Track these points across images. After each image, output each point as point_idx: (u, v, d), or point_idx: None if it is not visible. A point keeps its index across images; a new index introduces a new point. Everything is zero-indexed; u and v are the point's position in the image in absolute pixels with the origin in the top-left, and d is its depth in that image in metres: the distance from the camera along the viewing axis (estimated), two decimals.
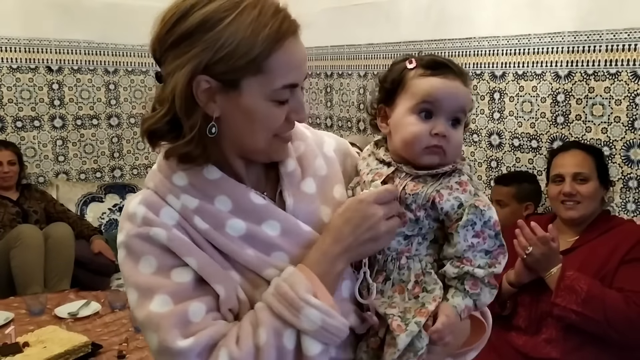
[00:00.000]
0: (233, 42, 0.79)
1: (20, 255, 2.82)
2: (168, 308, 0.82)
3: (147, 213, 0.87)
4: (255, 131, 0.85)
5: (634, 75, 2.37)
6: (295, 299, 0.79)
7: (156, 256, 0.85)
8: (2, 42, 3.46)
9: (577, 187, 1.96)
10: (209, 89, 0.82)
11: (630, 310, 1.69)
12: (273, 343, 0.79)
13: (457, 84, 0.92)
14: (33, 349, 1.86)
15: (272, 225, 0.88)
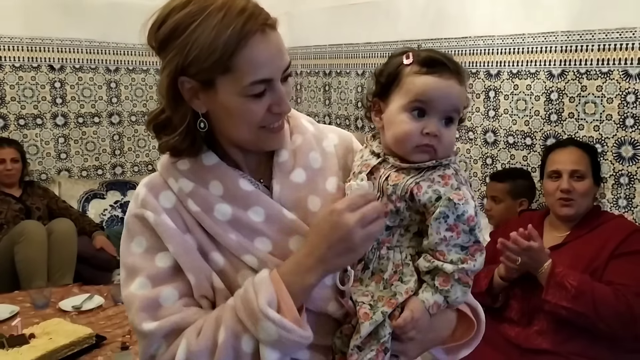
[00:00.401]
0: (198, 46, 0.83)
1: (24, 251, 2.87)
2: (144, 290, 0.89)
3: (146, 195, 0.94)
4: (237, 125, 0.90)
5: (625, 74, 2.42)
6: (255, 309, 0.81)
7: (147, 238, 0.92)
8: (4, 41, 3.50)
9: (573, 184, 1.99)
10: (191, 88, 0.88)
11: (619, 304, 1.74)
12: (231, 344, 0.82)
13: (452, 83, 0.91)
14: (39, 340, 1.91)
15: (257, 211, 0.92)
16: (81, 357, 1.92)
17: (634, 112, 2.41)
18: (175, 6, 0.86)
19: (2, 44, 3.50)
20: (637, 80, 2.38)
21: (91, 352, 1.95)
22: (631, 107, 2.41)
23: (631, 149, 2.43)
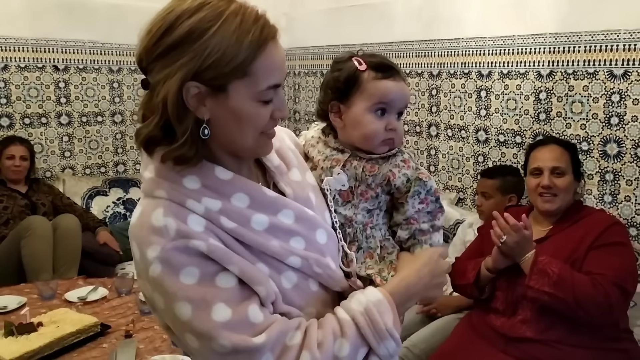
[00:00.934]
0: (220, 50, 0.83)
1: (31, 245, 2.94)
2: (229, 314, 0.85)
3: (179, 225, 0.86)
4: (244, 130, 0.90)
5: (610, 75, 2.51)
6: (383, 329, 0.90)
7: (197, 265, 0.86)
8: (10, 42, 3.56)
9: (554, 180, 2.06)
10: (198, 94, 0.86)
11: (597, 292, 1.81)
12: (351, 356, 0.89)
13: (403, 84, 1.07)
14: (47, 328, 1.99)
15: (287, 214, 0.94)
16: (87, 344, 2.00)
17: (618, 111, 2.50)
18: (183, 11, 0.85)
19: (8, 45, 3.56)
20: (622, 80, 2.47)
21: (96, 339, 2.03)
22: (616, 106, 2.50)
23: (616, 146, 2.52)
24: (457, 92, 3.17)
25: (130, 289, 2.47)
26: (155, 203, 0.90)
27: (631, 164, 2.48)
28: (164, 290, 0.86)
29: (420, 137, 3.42)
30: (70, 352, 1.95)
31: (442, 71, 3.24)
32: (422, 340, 2.39)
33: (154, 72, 0.88)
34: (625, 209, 2.52)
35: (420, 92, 3.37)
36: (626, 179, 2.50)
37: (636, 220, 2.49)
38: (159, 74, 0.86)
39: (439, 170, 3.34)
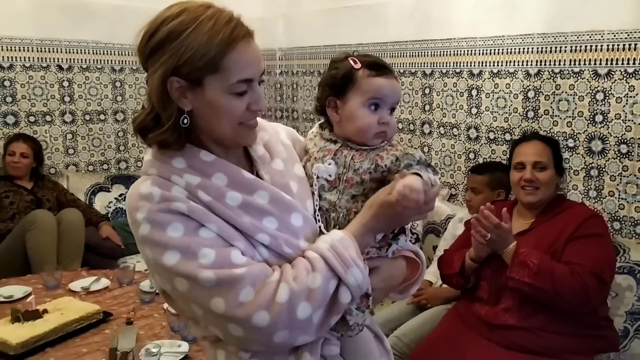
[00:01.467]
0: (193, 48, 0.95)
1: (36, 238, 3.05)
2: (213, 255, 0.96)
3: (163, 192, 0.99)
4: (221, 120, 1.01)
5: (595, 74, 2.60)
6: (348, 259, 0.99)
7: (180, 222, 0.98)
8: (16, 42, 3.66)
9: (536, 174, 2.16)
10: (180, 88, 0.99)
11: (575, 281, 1.90)
12: (323, 287, 0.97)
13: (395, 82, 1.15)
14: (51, 315, 2.09)
15: (262, 194, 1.04)
16: (90, 330, 2.09)
17: (602, 109, 2.58)
18: (166, 17, 0.98)
19: (14, 45, 3.66)
20: (606, 79, 2.56)
21: (99, 326, 2.13)
22: (600, 104, 2.59)
23: (600, 143, 2.61)
24: (449, 91, 3.26)
25: (131, 280, 2.56)
26: (145, 178, 1.04)
27: (615, 160, 2.56)
28: (153, 243, 0.98)
29: (413, 135, 3.51)
30: (73, 337, 2.04)
31: (434, 70, 3.33)
32: (411, 330, 2.48)
33: (148, 70, 1.01)
34: (609, 203, 2.61)
35: (414, 91, 3.46)
36: (610, 175, 2.59)
37: (619, 215, 2.58)
38: (150, 69, 1.01)
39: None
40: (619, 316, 2.31)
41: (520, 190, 2.18)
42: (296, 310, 0.96)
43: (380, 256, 1.11)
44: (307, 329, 0.98)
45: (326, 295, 0.99)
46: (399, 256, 1.15)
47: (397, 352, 2.41)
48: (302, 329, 0.98)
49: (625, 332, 2.29)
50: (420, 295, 2.69)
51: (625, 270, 2.34)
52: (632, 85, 2.47)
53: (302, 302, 0.96)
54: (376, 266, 1.09)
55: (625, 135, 2.51)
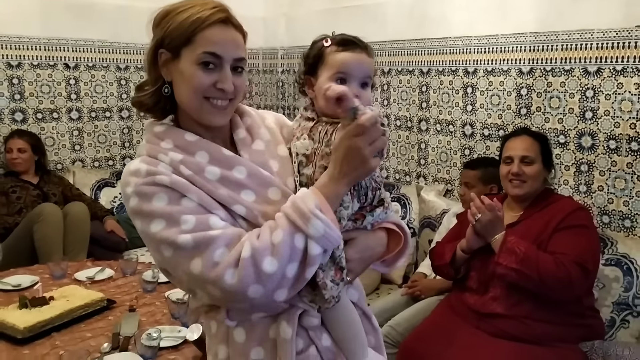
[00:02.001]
0: (175, 23, 1.11)
1: (42, 230, 3.14)
2: (193, 221, 1.05)
3: (148, 167, 1.10)
4: (187, 90, 1.12)
5: (584, 72, 2.67)
6: (306, 211, 1.02)
7: (165, 192, 1.08)
8: (24, 41, 3.75)
9: (523, 168, 2.23)
10: (166, 60, 1.13)
11: (558, 269, 1.98)
12: (287, 242, 1.02)
13: (363, 56, 1.17)
14: (58, 301, 2.17)
15: (240, 170, 1.13)
16: (94, 317, 2.18)
17: (592, 106, 2.65)
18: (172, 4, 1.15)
19: (22, 44, 3.76)
20: (595, 77, 2.63)
21: (103, 313, 2.21)
22: (590, 101, 2.66)
23: (590, 139, 2.68)
24: (446, 89, 3.33)
25: (134, 270, 2.65)
26: (137, 158, 1.16)
27: (604, 155, 2.63)
28: (142, 214, 1.08)
29: (411, 132, 3.58)
30: (78, 323, 2.12)
31: (431, 69, 3.40)
32: (405, 320, 2.56)
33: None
34: (598, 197, 2.68)
35: (411, 89, 3.54)
36: (599, 170, 2.66)
37: (608, 209, 2.65)
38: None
39: (428, 163, 3.50)
40: (606, 306, 2.38)
41: (508, 183, 2.26)
42: (261, 264, 1.02)
43: (358, 228, 1.16)
44: (281, 282, 1.04)
45: (293, 250, 1.03)
46: (378, 228, 1.20)
47: (390, 341, 2.48)
48: (275, 283, 1.03)
49: (611, 322, 2.37)
50: (415, 287, 2.77)
51: (613, 262, 2.41)
52: (620, 82, 2.54)
53: (266, 257, 1.02)
54: (352, 237, 1.15)
55: (614, 131, 2.58)
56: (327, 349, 1.17)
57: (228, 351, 1.16)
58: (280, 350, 1.12)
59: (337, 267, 1.10)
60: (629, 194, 2.57)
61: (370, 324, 1.29)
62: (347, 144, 1.07)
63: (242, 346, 1.13)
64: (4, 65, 3.71)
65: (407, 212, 3.32)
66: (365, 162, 1.08)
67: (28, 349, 1.93)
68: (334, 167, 1.09)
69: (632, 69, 2.50)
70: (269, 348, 1.13)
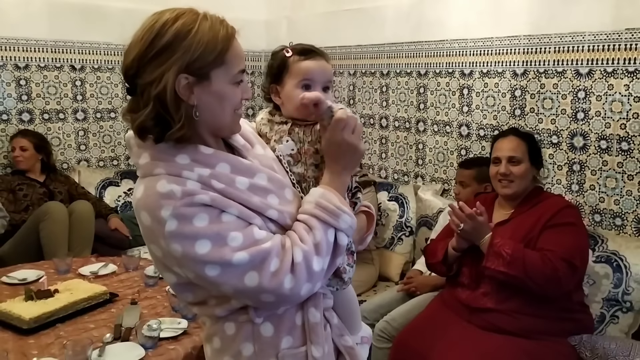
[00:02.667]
0: (202, 44, 1.06)
1: (48, 228, 3.21)
2: (240, 238, 1.07)
3: (182, 188, 1.06)
4: (225, 109, 1.13)
5: (576, 73, 2.73)
6: (334, 209, 1.13)
7: (205, 211, 1.06)
8: (31, 43, 3.84)
9: (510, 168, 2.28)
10: (187, 84, 1.07)
11: (545, 266, 2.03)
12: (324, 239, 1.12)
13: (323, 62, 1.28)
14: (62, 294, 2.24)
15: (261, 176, 1.16)
16: (97, 309, 2.24)
17: (583, 107, 2.71)
18: (166, 20, 1.07)
19: (29, 46, 3.84)
20: (587, 78, 2.69)
21: (105, 305, 2.28)
22: (582, 102, 2.72)
23: (582, 139, 2.74)
24: (442, 90, 3.40)
25: (136, 266, 2.72)
26: (156, 178, 1.08)
27: (595, 155, 2.69)
28: (183, 237, 1.05)
29: (409, 133, 3.65)
30: (82, 315, 2.19)
31: (428, 71, 3.47)
32: (400, 315, 2.62)
33: (146, 74, 1.06)
34: (590, 197, 2.73)
35: (409, 91, 3.61)
36: (591, 169, 2.72)
37: (599, 207, 2.70)
38: (152, 74, 1.05)
39: (426, 163, 3.57)
40: (596, 302, 2.44)
41: (497, 183, 2.32)
42: (312, 265, 1.10)
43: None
44: (321, 276, 1.14)
45: (328, 245, 1.14)
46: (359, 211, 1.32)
47: (386, 336, 2.55)
48: (320, 278, 1.14)
49: (601, 317, 2.42)
50: (410, 283, 2.83)
51: (603, 259, 2.47)
52: (611, 84, 2.60)
53: (314, 257, 1.11)
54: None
55: (605, 131, 2.64)
56: (336, 326, 1.28)
57: (254, 347, 1.19)
58: (312, 333, 1.21)
59: (349, 252, 1.24)
60: (619, 193, 2.63)
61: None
62: (337, 140, 1.18)
63: (271, 339, 1.19)
64: (12, 66, 3.80)
65: (405, 211, 3.38)
66: (357, 149, 1.20)
67: (33, 338, 2.00)
68: (333, 163, 1.20)
69: (622, 70, 2.56)
70: (297, 335, 1.21)
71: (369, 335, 1.41)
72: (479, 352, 2.07)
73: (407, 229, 3.36)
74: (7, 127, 3.80)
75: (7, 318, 2.09)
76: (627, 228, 2.62)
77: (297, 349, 1.20)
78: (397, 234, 3.37)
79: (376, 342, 2.55)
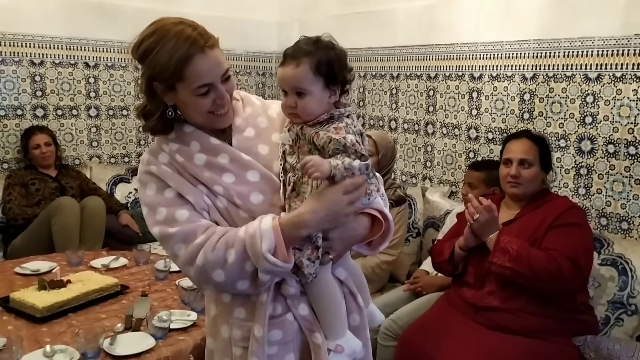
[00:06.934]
0: (160, 65, 1.22)
1: (60, 222, 3.25)
2: (164, 213, 1.27)
3: (149, 158, 1.33)
4: (192, 113, 1.30)
5: (585, 78, 2.75)
6: (259, 253, 1.17)
7: (155, 182, 1.30)
8: (47, 40, 3.90)
9: (521, 171, 2.30)
10: (162, 89, 1.27)
11: (550, 264, 2.06)
12: (237, 264, 1.20)
13: (288, 68, 1.27)
14: (74, 285, 2.28)
15: (223, 156, 1.30)
16: (108, 300, 2.29)
17: (592, 111, 2.74)
18: (145, 35, 1.25)
19: (44, 43, 3.90)
20: (595, 83, 2.71)
21: (116, 297, 2.32)
22: (590, 106, 2.74)
23: (589, 143, 2.76)
24: (452, 93, 3.43)
25: (147, 260, 2.76)
26: (151, 145, 1.38)
27: (602, 159, 2.71)
28: (140, 199, 1.35)
29: (418, 135, 3.68)
30: (93, 305, 2.23)
31: (438, 74, 3.50)
32: (406, 314, 2.64)
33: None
34: (597, 200, 2.75)
35: (419, 93, 3.64)
36: (598, 173, 2.74)
37: (606, 211, 2.72)
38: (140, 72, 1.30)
39: (434, 165, 3.60)
40: (601, 305, 2.46)
41: (506, 183, 2.35)
42: (212, 274, 1.22)
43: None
44: (231, 289, 1.26)
45: (242, 271, 1.21)
46: (361, 213, 1.30)
47: (391, 334, 2.57)
48: (225, 288, 1.27)
49: (606, 319, 2.44)
50: (416, 283, 2.85)
51: (609, 262, 2.49)
52: (619, 88, 2.63)
53: (217, 270, 1.22)
54: None
55: (613, 135, 2.66)
56: (304, 317, 1.31)
57: (216, 309, 1.36)
58: (256, 311, 1.28)
59: (314, 247, 1.24)
60: (626, 197, 2.65)
61: (356, 303, 1.40)
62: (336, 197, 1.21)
63: (228, 306, 1.33)
64: (27, 62, 3.86)
65: (413, 212, 3.40)
66: (343, 218, 1.24)
67: (46, 327, 2.04)
68: (311, 208, 1.20)
69: (631, 75, 2.58)
70: (249, 308, 1.30)
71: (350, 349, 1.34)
72: (484, 350, 2.09)
73: (414, 230, 3.38)
74: (22, 122, 3.86)
75: (21, 307, 2.13)
76: (634, 232, 2.64)
77: (246, 322, 1.30)
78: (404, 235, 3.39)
79: (382, 340, 2.58)
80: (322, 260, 1.26)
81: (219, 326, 1.36)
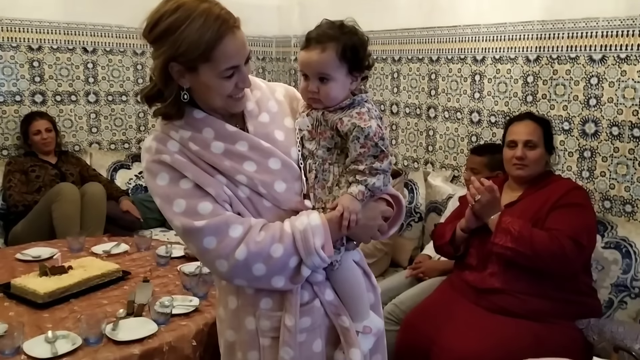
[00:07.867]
0: (187, 43, 1.14)
1: (61, 209, 3.24)
2: (184, 205, 1.19)
3: (157, 145, 1.24)
4: (213, 96, 1.23)
5: (589, 60, 2.72)
6: (312, 248, 1.18)
7: (167, 172, 1.22)
8: (44, 25, 3.86)
9: (526, 152, 2.29)
10: (179, 71, 1.18)
11: (552, 244, 2.05)
12: (283, 260, 1.19)
13: (312, 53, 1.25)
14: (76, 271, 2.27)
15: (242, 144, 1.25)
16: (110, 286, 2.28)
17: (596, 94, 2.71)
18: (164, 12, 1.16)
19: (42, 28, 3.86)
20: (600, 64, 2.68)
21: (118, 283, 2.31)
22: (594, 89, 2.71)
23: (593, 126, 2.74)
24: (454, 77, 3.40)
25: (148, 246, 2.75)
26: (152, 133, 1.29)
27: (606, 142, 2.69)
28: (150, 189, 1.26)
29: (420, 119, 3.65)
30: (95, 291, 2.22)
31: (440, 57, 3.46)
32: (408, 298, 2.64)
33: (153, 51, 1.22)
34: (600, 183, 2.73)
35: (421, 77, 3.60)
36: (602, 156, 2.71)
37: (610, 194, 2.70)
38: (153, 53, 1.21)
39: (436, 149, 3.57)
40: (604, 288, 2.45)
41: (511, 166, 2.33)
42: (252, 268, 1.18)
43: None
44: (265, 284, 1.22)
45: (285, 267, 1.19)
46: (380, 199, 1.32)
47: (394, 318, 2.57)
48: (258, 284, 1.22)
49: (609, 302, 2.43)
50: (419, 268, 2.84)
51: (612, 245, 2.47)
52: (624, 70, 2.59)
53: (258, 263, 1.18)
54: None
55: (617, 118, 2.64)
56: (330, 303, 1.31)
57: (238, 302, 1.30)
58: (286, 300, 1.25)
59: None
60: (630, 180, 2.63)
61: (370, 282, 1.43)
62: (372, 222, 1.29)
63: (252, 297, 1.28)
64: (25, 48, 3.82)
65: (415, 197, 3.39)
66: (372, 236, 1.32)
67: (48, 312, 2.03)
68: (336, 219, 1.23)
69: (636, 56, 2.54)
70: (277, 298, 1.27)
71: (376, 328, 1.39)
72: (486, 333, 2.08)
73: (416, 214, 3.37)
74: (20, 109, 3.83)
75: (22, 292, 2.12)
76: (638, 215, 2.62)
77: (274, 313, 1.28)
78: (406, 219, 3.38)
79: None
80: (347, 247, 1.30)
81: (242, 318, 1.32)
